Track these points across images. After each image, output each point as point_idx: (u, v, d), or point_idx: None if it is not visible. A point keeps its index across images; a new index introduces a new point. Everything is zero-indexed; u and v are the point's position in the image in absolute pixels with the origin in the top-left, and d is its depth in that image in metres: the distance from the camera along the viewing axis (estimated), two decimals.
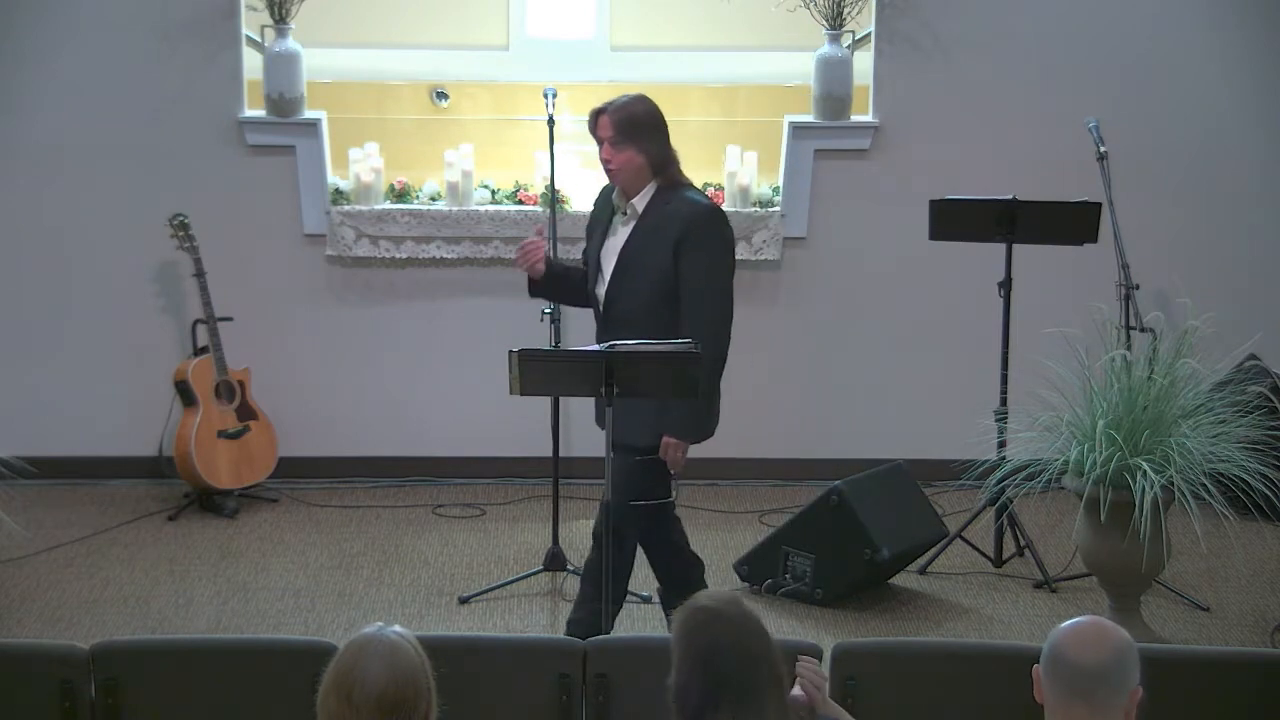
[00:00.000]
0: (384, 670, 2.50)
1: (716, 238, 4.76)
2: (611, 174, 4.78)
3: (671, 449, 4.72)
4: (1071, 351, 5.25)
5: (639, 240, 4.74)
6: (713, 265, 4.73)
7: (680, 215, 4.71)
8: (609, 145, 4.74)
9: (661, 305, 4.71)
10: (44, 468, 6.16)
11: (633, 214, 4.78)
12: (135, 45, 6.54)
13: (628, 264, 4.75)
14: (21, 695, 3.41)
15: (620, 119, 4.72)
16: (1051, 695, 2.75)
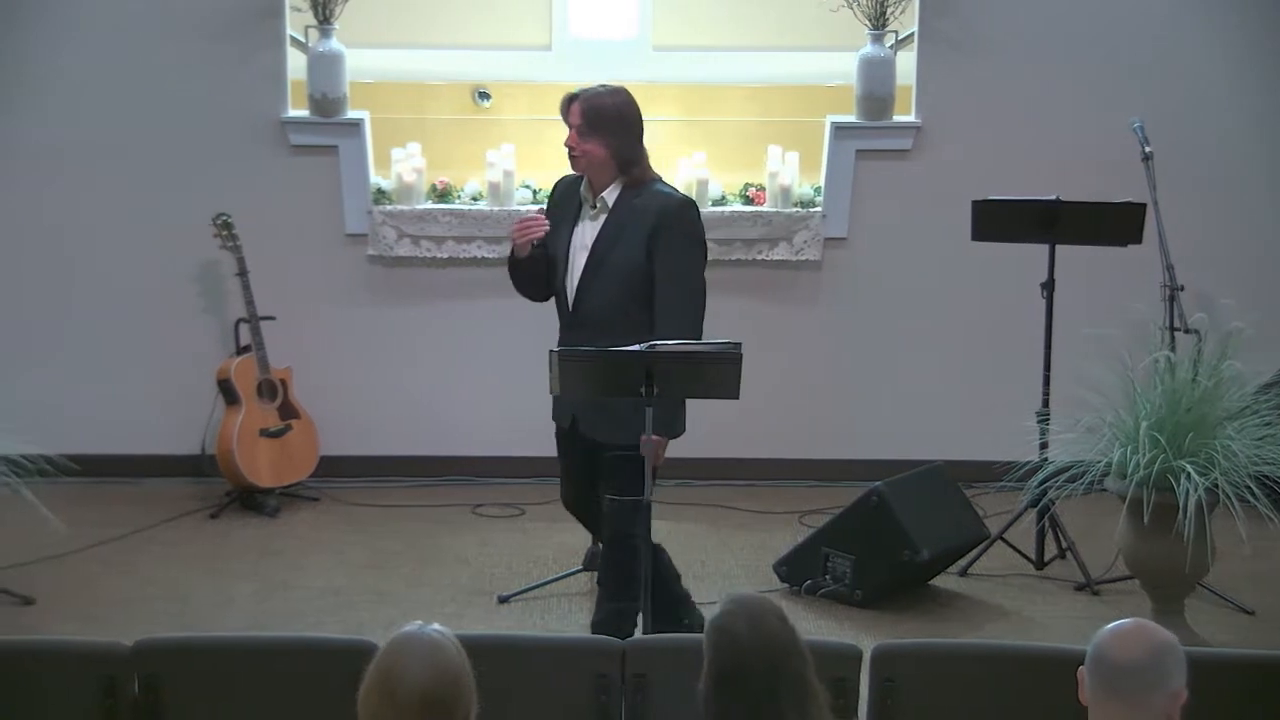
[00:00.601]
0: (426, 669, 2.50)
1: (691, 231, 4.72)
2: (575, 161, 4.74)
3: (653, 446, 4.66)
4: (1113, 353, 5.22)
5: (611, 235, 4.69)
6: (687, 258, 4.70)
7: (653, 208, 4.67)
8: (576, 133, 4.70)
9: (632, 301, 4.68)
10: (87, 465, 6.22)
11: (603, 208, 4.72)
12: (180, 45, 6.58)
13: (600, 259, 4.70)
14: (64, 692, 3.44)
15: (588, 108, 4.68)
16: (1092, 695, 2.75)
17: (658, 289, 4.67)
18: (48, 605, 5.44)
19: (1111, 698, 2.70)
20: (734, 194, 6.79)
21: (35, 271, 6.66)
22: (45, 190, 6.63)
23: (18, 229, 6.63)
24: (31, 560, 5.76)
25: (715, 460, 6.80)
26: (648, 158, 4.79)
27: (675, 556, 5.98)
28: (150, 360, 6.72)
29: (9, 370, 5.11)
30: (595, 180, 4.73)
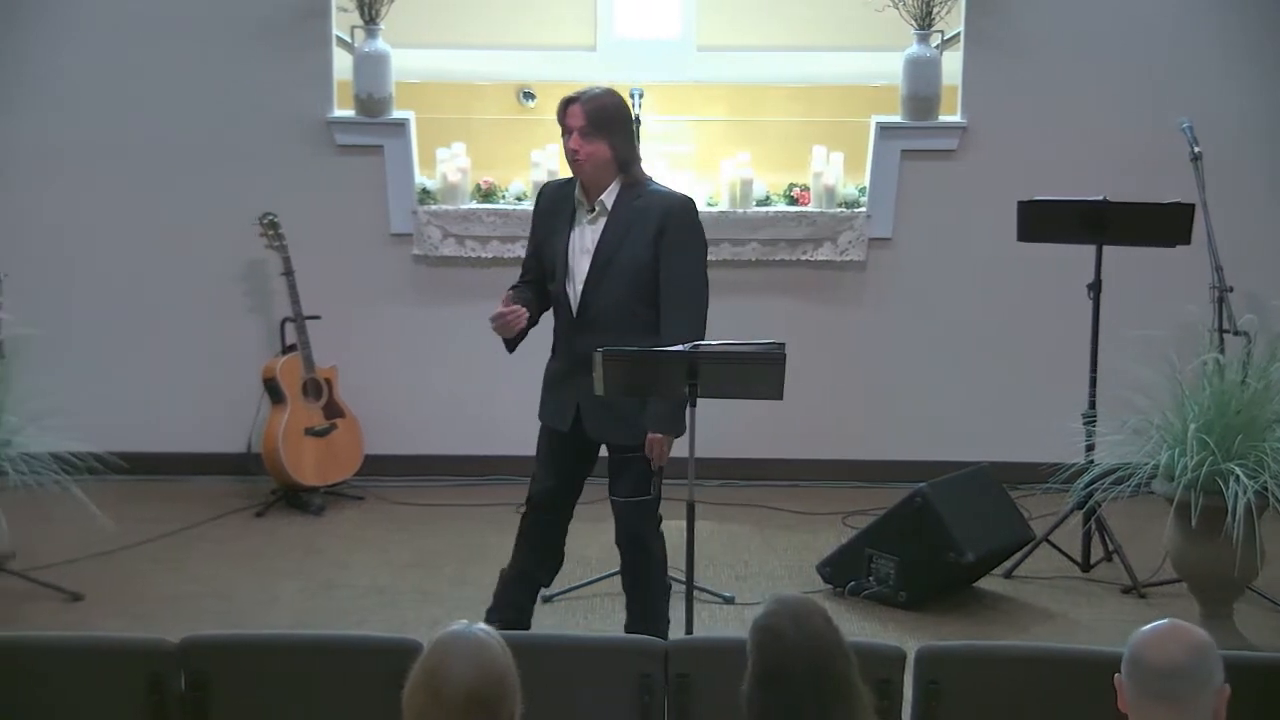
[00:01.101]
0: (472, 668, 2.50)
1: (695, 229, 4.70)
2: (578, 164, 4.64)
3: (657, 445, 4.65)
4: (1161, 355, 5.17)
5: (615, 237, 4.63)
6: (693, 258, 4.68)
7: (656, 208, 4.63)
8: (578, 135, 4.61)
9: (639, 303, 4.64)
10: (135, 463, 6.27)
11: (601, 210, 4.66)
12: (227, 46, 6.62)
13: (606, 262, 4.63)
14: (111, 687, 3.46)
15: (592, 109, 4.61)
16: (1133, 701, 2.72)
17: (664, 289, 4.63)
18: (96, 601, 5.48)
19: (1159, 702, 2.68)
20: (778, 194, 6.77)
21: (84, 270, 6.72)
22: (90, 190, 6.68)
23: (67, 228, 6.69)
24: (80, 557, 5.81)
25: (759, 461, 6.79)
26: (640, 159, 4.76)
27: (719, 556, 6.00)
28: (197, 359, 6.76)
29: (58, 369, 5.15)
30: (595, 182, 4.65)
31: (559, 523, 4.91)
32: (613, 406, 4.63)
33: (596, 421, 4.72)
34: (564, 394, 4.75)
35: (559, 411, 4.78)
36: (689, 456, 4.58)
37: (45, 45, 6.61)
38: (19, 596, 5.47)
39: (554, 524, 4.91)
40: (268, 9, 6.61)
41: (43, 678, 3.49)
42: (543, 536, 4.91)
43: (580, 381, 4.64)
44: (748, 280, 6.77)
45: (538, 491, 4.90)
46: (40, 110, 6.60)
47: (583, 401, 4.68)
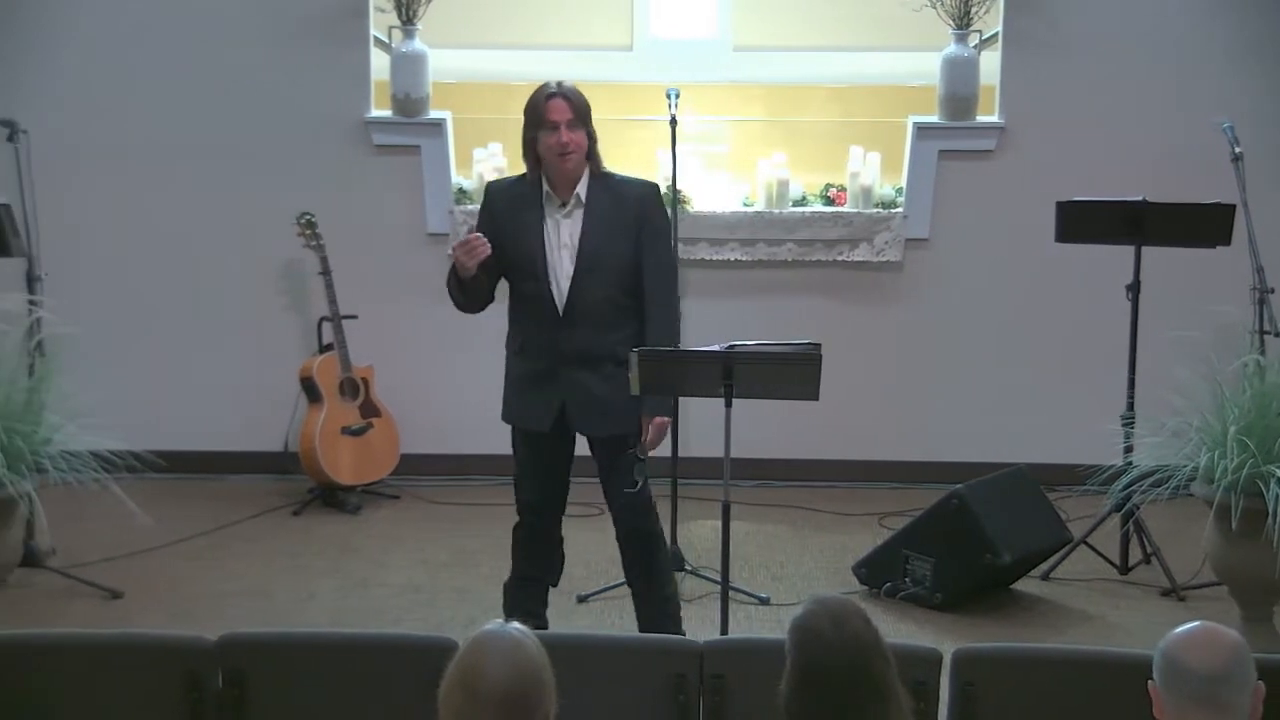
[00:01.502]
0: (508, 667, 2.50)
1: (666, 217, 4.74)
2: (568, 157, 4.55)
3: (659, 428, 4.66)
4: (1200, 356, 5.14)
5: (596, 230, 4.57)
6: (668, 244, 4.74)
7: (633, 196, 4.61)
8: (566, 128, 4.54)
9: (622, 293, 4.61)
10: (173, 462, 6.30)
11: (577, 202, 4.60)
12: (267, 46, 6.66)
13: (593, 257, 4.58)
14: (150, 684, 3.48)
15: (578, 102, 4.59)
16: (1172, 706, 2.69)
17: (647, 278, 4.61)
18: (135, 599, 5.52)
19: (1200, 707, 2.66)
20: (815, 194, 6.76)
21: (122, 270, 6.77)
22: (130, 190, 6.73)
23: (106, 228, 6.74)
24: (119, 554, 5.85)
25: (795, 461, 6.79)
26: None
27: (754, 557, 6.00)
28: (234, 358, 6.80)
29: (98, 368, 5.19)
30: (574, 175, 4.59)
31: (555, 524, 4.89)
32: (600, 400, 4.63)
33: (585, 417, 4.69)
34: (545, 393, 4.66)
35: (539, 412, 4.69)
36: (724, 457, 4.58)
37: (86, 46, 6.66)
38: (59, 593, 5.52)
39: (550, 526, 4.88)
40: (306, 9, 6.64)
41: (82, 674, 3.52)
42: (542, 540, 4.87)
43: (564, 379, 4.62)
44: (784, 280, 6.76)
45: (531, 500, 4.84)
46: (80, 111, 6.65)
47: (569, 399, 4.65)
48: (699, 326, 6.41)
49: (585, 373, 4.63)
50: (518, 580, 4.88)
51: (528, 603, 4.83)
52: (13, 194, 5.56)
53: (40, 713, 3.51)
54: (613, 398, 4.61)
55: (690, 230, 6.59)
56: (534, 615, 4.81)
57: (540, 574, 4.89)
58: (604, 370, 4.63)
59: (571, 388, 4.63)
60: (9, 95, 6.40)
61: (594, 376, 4.64)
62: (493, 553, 6.04)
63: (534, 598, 4.88)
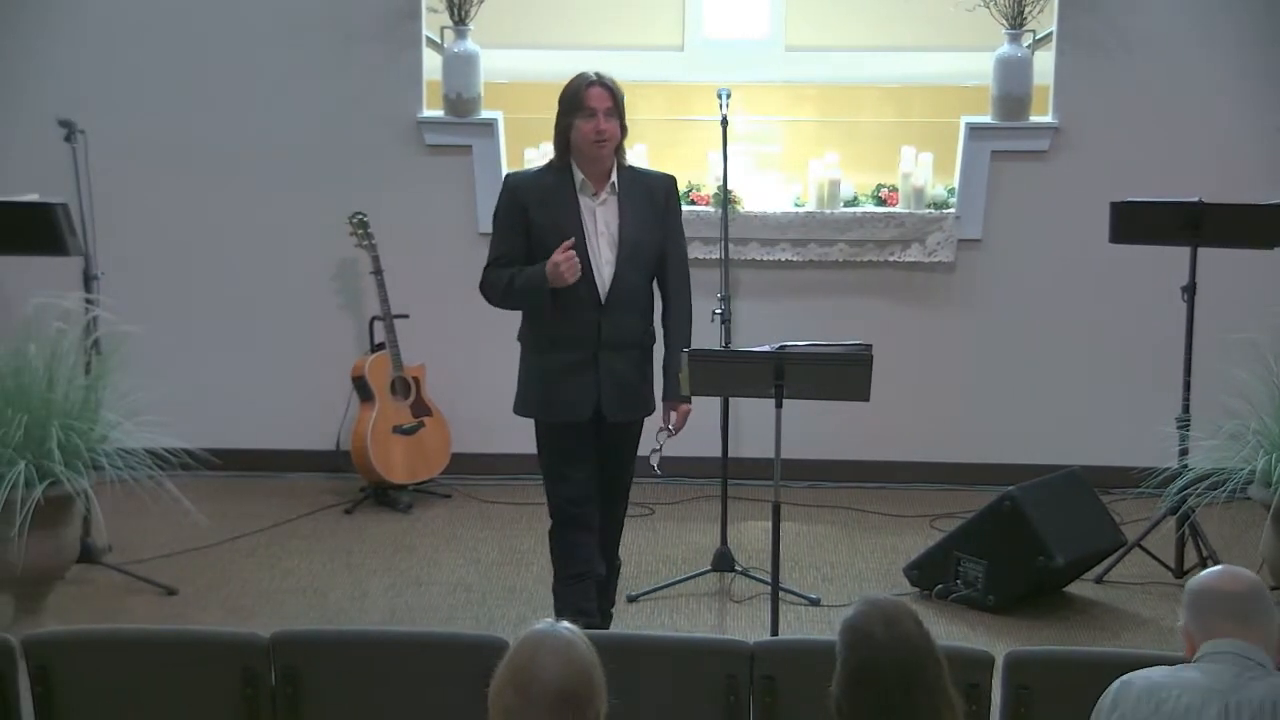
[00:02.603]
0: (560, 666, 2.51)
1: (680, 204, 4.86)
2: (604, 144, 4.59)
3: (684, 415, 4.78)
4: (1258, 358, 5.09)
5: (633, 217, 4.64)
6: (682, 232, 4.82)
7: (656, 186, 4.72)
8: (604, 116, 4.57)
9: (649, 281, 4.73)
10: (227, 460, 6.36)
11: (612, 190, 4.65)
12: (320, 47, 6.70)
13: (633, 244, 4.64)
14: (206, 680, 3.51)
15: (616, 92, 4.64)
16: (1201, 629, 2.87)
17: (671, 267, 4.73)
18: (190, 596, 5.57)
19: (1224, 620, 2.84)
20: (866, 195, 6.74)
21: (178, 269, 6.82)
22: (185, 190, 6.79)
23: (162, 228, 6.80)
24: (175, 551, 5.91)
25: (846, 462, 6.77)
26: None
27: (804, 558, 6.00)
28: (288, 357, 6.84)
29: (154, 366, 5.22)
30: (602, 165, 4.64)
31: (594, 516, 4.83)
32: (629, 385, 4.69)
33: (617, 402, 4.71)
34: (584, 381, 4.67)
35: (577, 402, 4.69)
36: (775, 457, 4.57)
37: (144, 47, 6.72)
38: (116, 590, 5.57)
39: (591, 519, 4.81)
40: (360, 11, 6.68)
41: (140, 670, 3.55)
42: (586, 535, 4.80)
43: (601, 366, 4.65)
44: (835, 281, 6.74)
45: (574, 494, 4.76)
46: (137, 111, 6.71)
47: (604, 385, 4.68)
48: (750, 327, 6.41)
49: (618, 358, 4.68)
50: (566, 579, 4.82)
51: (581, 600, 4.80)
52: (70, 193, 5.61)
53: (98, 708, 3.54)
54: (639, 383, 4.72)
55: (741, 230, 6.59)
56: (587, 614, 4.78)
57: (586, 571, 4.83)
58: (632, 356, 4.71)
59: (608, 374, 4.67)
60: (68, 96, 6.47)
61: (625, 362, 4.69)
62: (543, 552, 6.01)
63: (585, 594, 4.84)
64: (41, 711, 3.51)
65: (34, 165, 6.18)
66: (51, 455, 4.84)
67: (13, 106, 6.70)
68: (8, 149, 6.64)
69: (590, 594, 4.84)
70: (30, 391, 4.93)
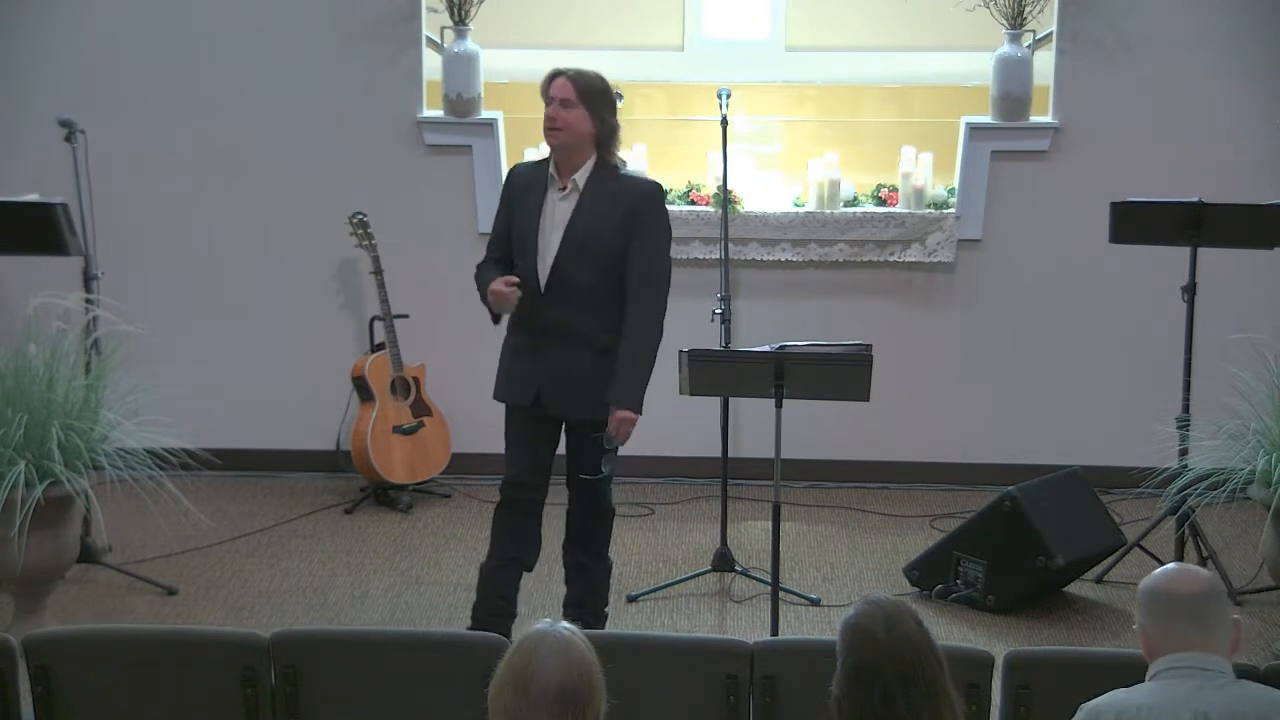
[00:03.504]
0: (561, 666, 2.51)
1: (662, 216, 4.73)
2: (555, 133, 4.65)
3: (624, 422, 4.66)
4: (1259, 358, 5.09)
5: (585, 217, 4.66)
6: (660, 245, 4.71)
7: (627, 192, 4.67)
8: (559, 104, 4.63)
9: (602, 282, 4.67)
10: (228, 460, 6.36)
11: (574, 188, 4.68)
12: (320, 47, 6.70)
13: (577, 241, 4.65)
14: (206, 680, 3.52)
15: (579, 82, 4.65)
16: (1161, 634, 2.87)
17: (630, 273, 4.66)
18: (190, 595, 5.57)
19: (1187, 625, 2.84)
20: (866, 195, 6.74)
21: (178, 269, 6.82)
22: (184, 190, 6.78)
23: (161, 227, 6.80)
24: (175, 551, 5.91)
25: (846, 463, 6.77)
26: (620, 143, 4.77)
27: (804, 558, 5.99)
28: (288, 357, 6.84)
29: (153, 366, 5.22)
30: (569, 159, 4.69)
31: (536, 504, 4.88)
32: (573, 380, 4.67)
33: (557, 396, 4.73)
34: (526, 369, 4.76)
35: (521, 386, 4.78)
36: (775, 457, 4.58)
37: (144, 48, 6.72)
38: (116, 590, 5.58)
39: (532, 505, 4.87)
40: (359, 11, 6.67)
41: (140, 670, 3.56)
42: (523, 520, 4.87)
43: (542, 356, 4.70)
44: (835, 281, 6.74)
45: (512, 474, 4.86)
46: (138, 111, 6.71)
47: (544, 377, 4.72)
48: (750, 327, 6.41)
49: (561, 353, 4.69)
50: (495, 562, 4.89)
51: (502, 587, 4.86)
52: (70, 193, 5.61)
53: (98, 708, 3.55)
54: (586, 382, 4.67)
55: (741, 230, 6.59)
56: (508, 599, 4.86)
57: (518, 555, 4.89)
58: (580, 354, 4.69)
59: (550, 365, 4.70)
60: (68, 96, 6.47)
61: (570, 358, 4.69)
62: (543, 552, 6.03)
63: (509, 582, 4.89)
64: (41, 711, 3.51)
65: (34, 165, 6.19)
66: (51, 455, 4.83)
67: (13, 106, 6.70)
68: (8, 149, 6.64)
69: (511, 582, 4.88)
70: (30, 391, 4.93)
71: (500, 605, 4.84)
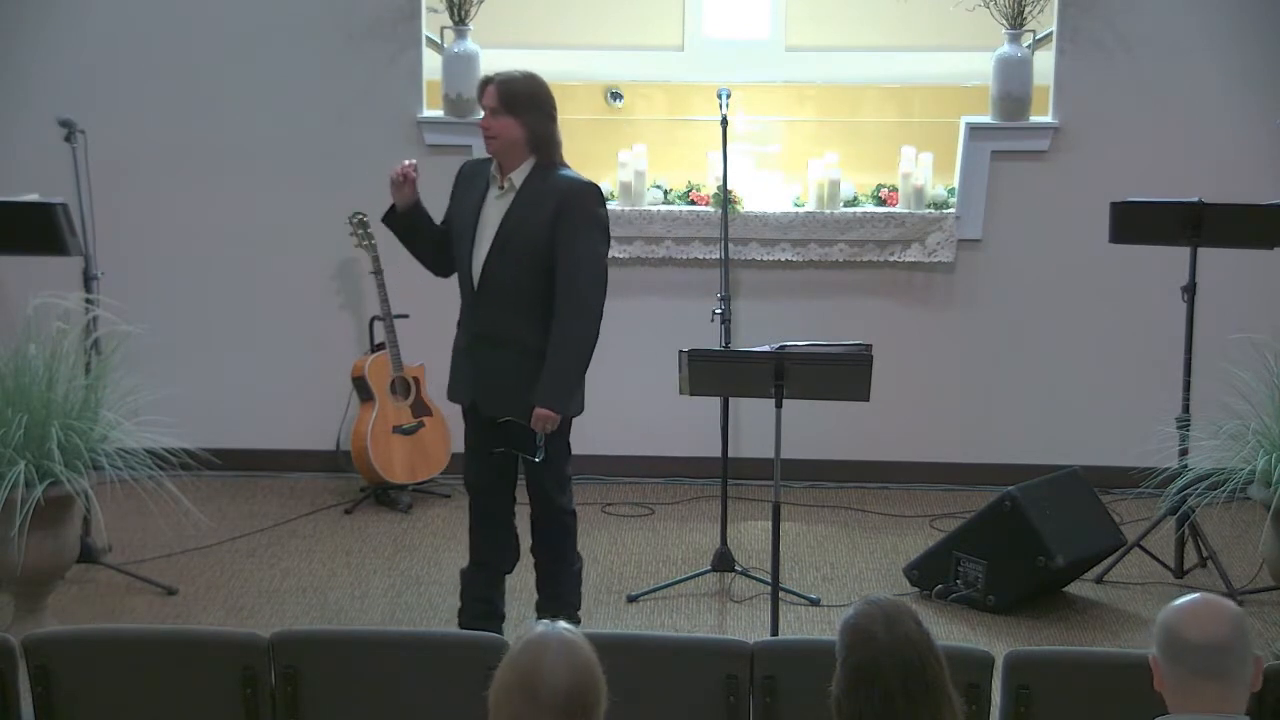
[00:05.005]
0: (567, 669, 2.49)
1: (594, 216, 4.72)
2: (489, 141, 4.71)
3: (542, 420, 4.67)
4: (1259, 358, 5.09)
5: (517, 215, 4.69)
6: (589, 243, 4.70)
7: (558, 191, 4.67)
8: (490, 114, 4.69)
9: (534, 280, 4.68)
10: (228, 460, 6.36)
11: (510, 188, 4.72)
12: (320, 47, 6.69)
13: (507, 238, 4.69)
14: (206, 681, 3.51)
15: (505, 90, 4.68)
16: (1177, 680, 2.71)
17: (559, 272, 4.66)
18: (190, 595, 5.57)
19: (1206, 681, 2.67)
20: (866, 195, 6.74)
21: (178, 269, 6.82)
22: (184, 190, 6.78)
23: (162, 228, 6.79)
24: (175, 552, 5.91)
25: (846, 462, 6.77)
26: (560, 144, 4.78)
27: (804, 558, 5.99)
28: (288, 357, 6.84)
29: (153, 366, 5.22)
30: (507, 161, 4.72)
31: (500, 505, 4.90)
32: (503, 381, 4.70)
33: (489, 396, 4.76)
34: (464, 369, 4.82)
35: (460, 387, 4.86)
36: (775, 457, 4.58)
37: (143, 47, 6.72)
38: (116, 590, 5.58)
39: (495, 510, 4.91)
40: (359, 11, 6.67)
41: (140, 670, 3.56)
42: (487, 524, 4.93)
43: (477, 356, 4.75)
44: (835, 281, 6.74)
45: (471, 481, 4.96)
46: (137, 111, 6.71)
47: (479, 377, 4.76)
48: (750, 327, 6.41)
49: (492, 352, 4.73)
50: (470, 568, 4.97)
51: (483, 589, 4.92)
52: (70, 193, 5.62)
53: (98, 708, 3.55)
54: (515, 383, 4.68)
55: (741, 230, 6.59)
56: (488, 601, 4.92)
57: (488, 559, 4.94)
58: (510, 354, 4.71)
59: (482, 365, 4.75)
60: (68, 96, 6.46)
61: (500, 357, 4.73)
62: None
63: (488, 584, 4.94)
64: (41, 711, 3.51)
65: (34, 165, 6.19)
66: (51, 455, 4.84)
67: (13, 106, 6.70)
68: (8, 149, 6.64)
69: (491, 585, 4.94)
70: (30, 391, 4.93)
71: (481, 608, 4.90)
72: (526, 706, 2.46)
